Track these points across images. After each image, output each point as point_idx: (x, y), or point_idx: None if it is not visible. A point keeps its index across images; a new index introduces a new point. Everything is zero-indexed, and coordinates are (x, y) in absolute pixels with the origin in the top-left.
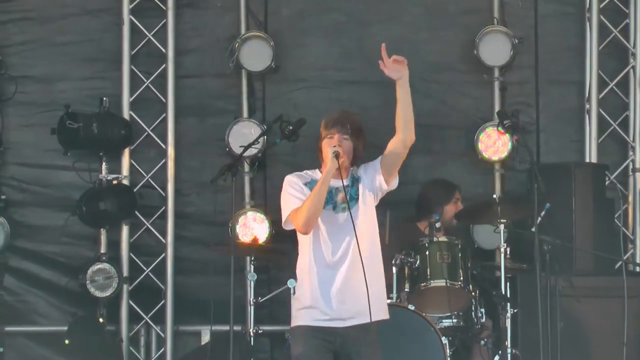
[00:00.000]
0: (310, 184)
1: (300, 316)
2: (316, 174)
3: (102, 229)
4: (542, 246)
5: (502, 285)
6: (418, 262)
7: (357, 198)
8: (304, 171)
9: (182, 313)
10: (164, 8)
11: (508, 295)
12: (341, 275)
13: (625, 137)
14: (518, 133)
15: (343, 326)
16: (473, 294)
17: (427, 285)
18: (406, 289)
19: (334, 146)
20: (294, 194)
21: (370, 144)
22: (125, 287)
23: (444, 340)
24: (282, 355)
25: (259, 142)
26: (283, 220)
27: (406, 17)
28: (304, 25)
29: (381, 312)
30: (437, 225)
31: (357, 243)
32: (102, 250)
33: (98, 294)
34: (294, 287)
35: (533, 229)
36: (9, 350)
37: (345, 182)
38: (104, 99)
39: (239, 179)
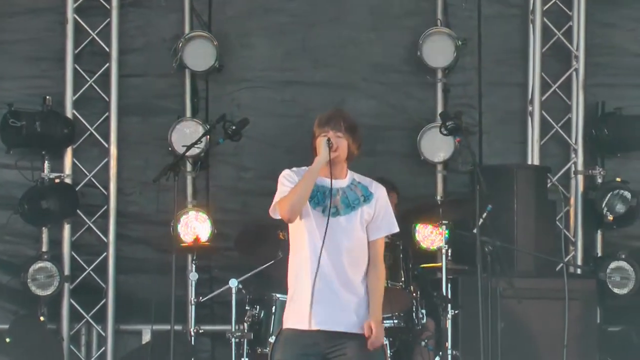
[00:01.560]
0: None
1: (289, 319)
2: None
3: (44, 228)
4: (484, 248)
5: (443, 286)
6: None
7: (355, 208)
8: (303, 167)
9: (123, 312)
10: (108, 7)
11: (449, 297)
12: (326, 283)
13: (568, 139)
14: (461, 135)
15: (326, 330)
16: (414, 295)
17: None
18: None
19: (327, 136)
20: (287, 184)
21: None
22: (66, 285)
23: (385, 340)
24: (223, 355)
25: (201, 142)
26: (270, 208)
27: (350, 18)
28: (248, 25)
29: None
30: None
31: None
32: (44, 248)
33: (39, 292)
34: (235, 287)
35: (475, 231)
36: None
37: (344, 182)
38: (47, 97)
39: (181, 179)
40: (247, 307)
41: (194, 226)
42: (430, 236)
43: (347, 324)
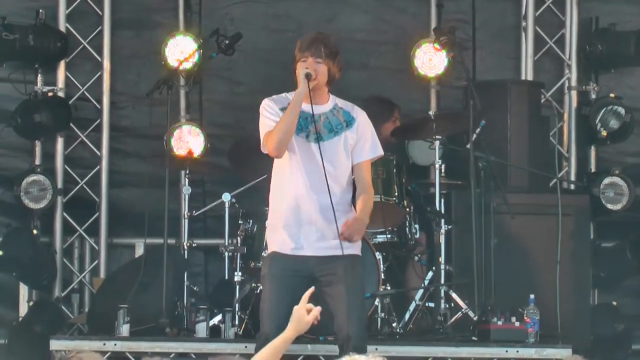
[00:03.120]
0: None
1: (272, 243)
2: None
3: (37, 141)
4: (477, 163)
5: (437, 201)
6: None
7: (338, 133)
8: (283, 94)
9: (116, 226)
10: None
11: (442, 212)
12: (312, 206)
13: (562, 55)
14: (454, 50)
15: (313, 255)
16: (407, 210)
17: (355, 205)
18: None
19: (306, 68)
20: (269, 117)
21: None
22: (59, 199)
23: (378, 255)
24: (216, 269)
25: (195, 56)
26: (261, 144)
27: None
28: None
29: (352, 247)
30: None
31: (325, 176)
32: (37, 162)
33: (32, 205)
34: (228, 201)
35: (468, 146)
36: None
37: (326, 107)
38: (40, 11)
39: (174, 93)
40: (240, 221)
41: (187, 140)
42: (430, 63)
43: (334, 247)
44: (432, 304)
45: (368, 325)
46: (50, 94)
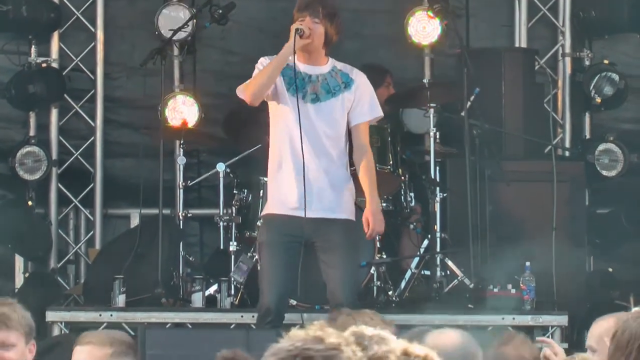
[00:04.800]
0: (282, 71)
1: (268, 205)
2: (291, 59)
3: (31, 112)
4: (472, 130)
5: (432, 169)
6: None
7: (335, 94)
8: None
9: (111, 196)
10: None
11: (437, 180)
12: (309, 167)
13: (555, 21)
14: (448, 17)
15: (309, 217)
16: (402, 178)
17: (356, 169)
18: None
19: (300, 24)
20: (259, 68)
21: None
22: (54, 170)
23: None
24: (211, 239)
25: (188, 26)
26: (238, 87)
27: None
28: None
29: (346, 212)
30: None
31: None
32: (31, 133)
33: (27, 176)
34: (222, 171)
35: (462, 114)
36: None
37: (324, 69)
38: None
39: (168, 63)
40: (235, 191)
41: (182, 110)
42: (423, 31)
43: (330, 210)
44: (428, 272)
45: (363, 293)
46: (44, 65)
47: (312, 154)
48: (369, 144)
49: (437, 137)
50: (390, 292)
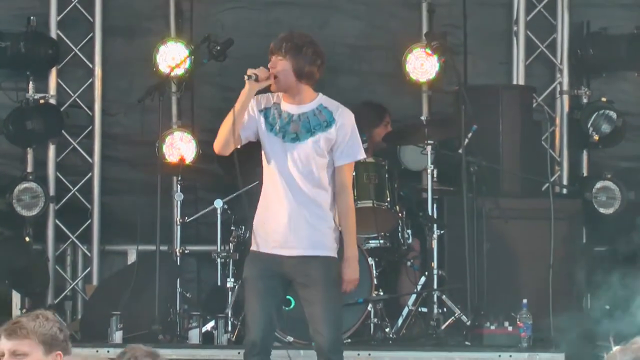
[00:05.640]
0: (265, 112)
1: (252, 243)
2: (278, 98)
3: (29, 148)
4: (469, 168)
5: (429, 206)
6: None
7: (314, 133)
8: (267, 93)
9: (109, 233)
10: None
11: (435, 217)
12: (287, 206)
13: (553, 59)
14: (446, 54)
15: (288, 255)
16: (400, 215)
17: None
18: None
19: (257, 69)
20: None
21: None
22: (51, 206)
23: (371, 261)
24: (208, 275)
25: (186, 63)
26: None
27: None
28: None
29: (326, 249)
30: (365, 146)
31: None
32: (29, 169)
33: (24, 213)
34: (220, 207)
35: (460, 151)
36: None
37: (308, 107)
38: (32, 18)
39: (166, 99)
40: (232, 228)
41: (179, 147)
42: (421, 68)
43: (310, 247)
44: (425, 309)
45: (360, 330)
46: (41, 101)
47: (292, 193)
48: (350, 186)
49: (435, 174)
50: (387, 329)
